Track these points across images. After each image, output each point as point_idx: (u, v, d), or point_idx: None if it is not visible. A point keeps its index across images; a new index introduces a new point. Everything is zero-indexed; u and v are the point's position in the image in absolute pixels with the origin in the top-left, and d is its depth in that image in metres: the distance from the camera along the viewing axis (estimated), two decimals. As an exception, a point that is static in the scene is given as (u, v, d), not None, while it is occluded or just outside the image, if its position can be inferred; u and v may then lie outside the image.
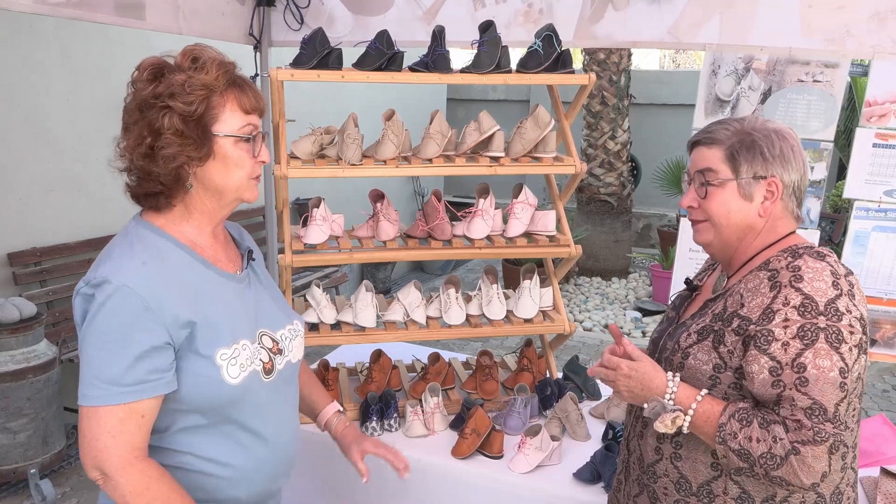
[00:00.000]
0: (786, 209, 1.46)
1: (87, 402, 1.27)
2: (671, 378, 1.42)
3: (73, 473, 3.63)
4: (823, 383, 1.27)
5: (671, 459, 1.48)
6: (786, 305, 1.32)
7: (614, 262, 7.49)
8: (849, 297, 1.33)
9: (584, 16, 2.68)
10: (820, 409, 1.27)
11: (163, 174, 1.33)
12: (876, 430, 2.34)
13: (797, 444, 1.27)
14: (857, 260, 2.59)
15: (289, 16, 3.06)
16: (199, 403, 1.36)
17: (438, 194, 2.56)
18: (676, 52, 14.13)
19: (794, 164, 1.43)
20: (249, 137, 1.38)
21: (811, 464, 1.26)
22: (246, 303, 1.46)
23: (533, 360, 2.65)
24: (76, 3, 2.22)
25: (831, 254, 1.41)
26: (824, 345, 1.29)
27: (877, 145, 2.50)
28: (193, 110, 1.31)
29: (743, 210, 1.43)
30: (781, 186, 1.42)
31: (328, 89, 5.82)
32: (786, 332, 1.31)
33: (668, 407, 1.39)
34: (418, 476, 2.21)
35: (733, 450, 1.33)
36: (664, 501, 1.49)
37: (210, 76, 1.33)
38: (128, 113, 1.35)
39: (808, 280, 1.33)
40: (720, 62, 2.67)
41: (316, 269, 5.68)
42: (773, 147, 1.41)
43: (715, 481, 1.42)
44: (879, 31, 2.37)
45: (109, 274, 1.28)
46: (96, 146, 4.14)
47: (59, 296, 3.94)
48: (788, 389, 1.29)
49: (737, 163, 1.42)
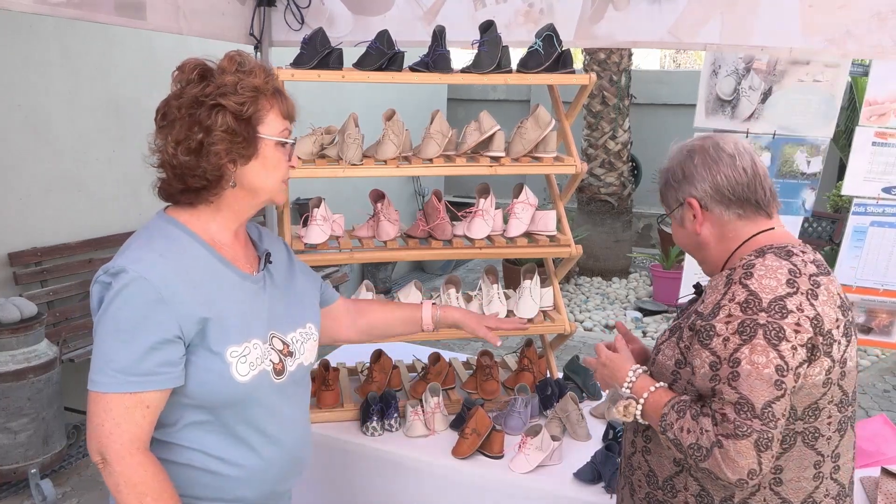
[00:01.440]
0: (723, 215, 1.46)
1: (95, 387, 1.30)
2: (634, 369, 1.50)
3: (73, 473, 3.63)
4: (755, 379, 1.27)
5: (643, 453, 1.53)
6: (731, 301, 1.34)
7: (615, 262, 7.49)
8: (806, 296, 1.31)
9: (585, 16, 2.68)
10: (747, 405, 1.27)
11: (209, 170, 1.37)
12: (876, 430, 2.34)
13: (721, 437, 1.27)
14: (855, 253, 2.65)
15: (289, 16, 3.05)
16: (207, 399, 1.37)
17: (439, 194, 2.56)
18: (677, 52, 14.13)
19: (698, 174, 1.46)
20: (288, 142, 1.45)
21: (734, 458, 1.26)
22: (260, 304, 1.48)
23: (533, 360, 2.65)
24: (76, 3, 2.22)
25: (805, 253, 1.40)
26: (762, 341, 1.28)
27: (876, 143, 2.52)
28: (245, 110, 1.36)
29: (684, 235, 1.54)
30: (697, 201, 1.46)
31: (328, 89, 5.81)
32: (727, 327, 1.32)
33: (623, 394, 1.49)
34: (418, 476, 2.21)
35: (670, 439, 1.36)
36: (639, 493, 1.54)
37: (259, 80, 1.39)
38: (171, 110, 1.38)
39: (758, 277, 1.34)
40: (721, 62, 2.67)
41: (316, 269, 5.67)
42: (676, 172, 1.50)
43: (677, 476, 1.45)
44: (880, 31, 2.37)
45: (127, 264, 1.31)
46: (96, 146, 4.14)
47: (59, 296, 3.93)
48: (721, 383, 1.31)
49: (665, 199, 1.55)
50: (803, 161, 2.71)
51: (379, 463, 2.27)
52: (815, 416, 1.36)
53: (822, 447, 1.37)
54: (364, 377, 2.59)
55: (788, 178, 2.75)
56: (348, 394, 2.53)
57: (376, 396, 2.37)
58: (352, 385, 2.62)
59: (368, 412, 2.31)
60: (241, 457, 1.43)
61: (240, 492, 1.45)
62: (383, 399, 2.37)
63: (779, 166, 2.73)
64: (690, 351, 1.39)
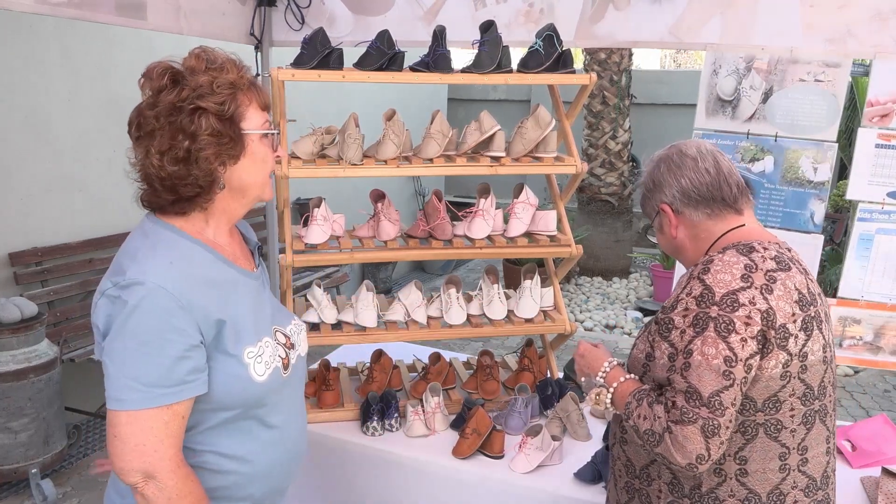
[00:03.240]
0: (693, 216, 1.53)
1: (125, 405, 1.25)
2: (609, 361, 1.58)
3: (73, 473, 3.63)
4: (704, 369, 1.33)
5: (620, 443, 1.58)
6: (688, 295, 1.40)
7: (615, 262, 7.49)
8: (760, 290, 1.36)
9: (585, 15, 2.68)
10: (696, 393, 1.33)
11: (201, 177, 1.33)
12: (877, 430, 2.34)
13: (671, 423, 1.34)
14: (862, 264, 2.55)
15: (290, 16, 3.06)
16: (228, 402, 1.36)
17: (439, 194, 2.56)
18: (677, 51, 14.12)
19: (665, 181, 1.54)
20: (271, 133, 1.42)
21: (682, 443, 1.32)
22: (262, 300, 1.48)
23: (534, 360, 2.64)
24: (77, 3, 2.22)
25: (768, 250, 1.44)
26: (712, 333, 1.34)
27: (879, 146, 2.49)
28: (226, 109, 1.33)
29: (664, 241, 1.61)
30: (668, 207, 1.54)
31: (329, 89, 5.81)
32: (684, 320, 1.38)
33: (596, 383, 1.58)
34: (419, 476, 2.21)
35: (630, 426, 1.43)
36: (619, 482, 1.60)
37: (233, 75, 1.35)
38: (147, 120, 1.32)
39: (714, 272, 1.39)
40: (721, 62, 2.66)
41: (317, 269, 5.67)
42: (648, 183, 1.59)
43: (652, 465, 1.50)
44: (881, 31, 2.37)
45: (139, 276, 1.26)
46: (96, 146, 4.15)
47: (60, 295, 3.93)
48: (674, 373, 1.37)
49: (646, 210, 1.63)
50: (809, 167, 2.58)
51: (379, 463, 2.26)
52: (775, 408, 1.40)
53: (786, 439, 1.41)
54: (364, 377, 2.59)
55: (794, 186, 2.60)
56: (349, 394, 2.53)
57: (377, 396, 2.37)
58: (352, 385, 2.62)
59: (369, 412, 2.31)
60: (251, 453, 1.43)
61: (249, 489, 1.45)
62: (384, 399, 2.37)
63: (783, 172, 2.62)
64: (653, 343, 1.45)
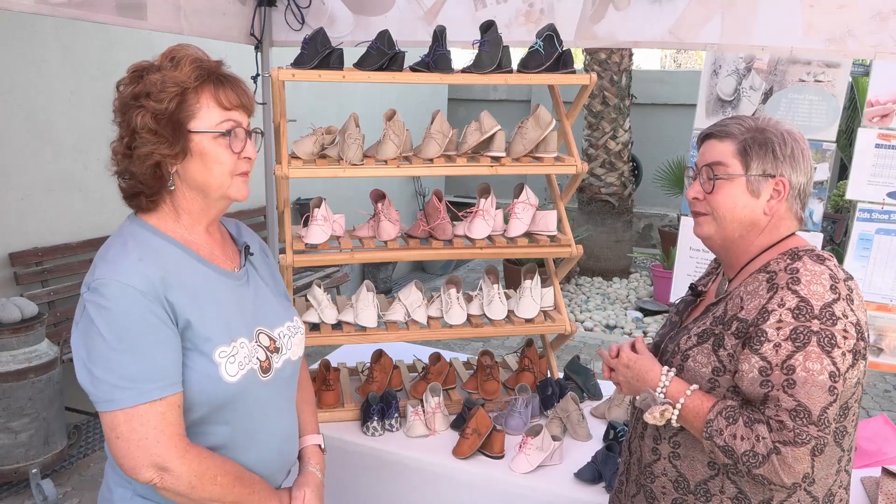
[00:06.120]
0: (790, 210, 1.46)
1: (118, 405, 1.25)
2: (665, 372, 1.46)
3: (74, 473, 3.63)
4: (811, 386, 1.28)
5: (669, 459, 1.49)
6: (781, 307, 1.33)
7: (615, 262, 7.49)
8: (847, 301, 1.32)
9: (586, 16, 2.68)
10: (805, 412, 1.28)
11: (139, 173, 1.35)
12: (877, 430, 2.34)
13: (779, 444, 1.28)
14: (861, 264, 2.55)
15: (290, 16, 3.05)
16: (199, 400, 1.35)
17: (439, 194, 2.56)
18: (677, 52, 14.12)
19: (802, 167, 1.44)
20: (227, 133, 1.37)
21: (791, 464, 1.27)
22: (244, 300, 1.45)
23: (534, 360, 2.64)
24: (77, 3, 2.22)
25: (831, 257, 1.41)
26: (816, 348, 1.29)
27: (879, 146, 2.49)
28: (164, 108, 1.32)
29: (749, 206, 1.44)
30: (788, 186, 1.43)
31: (329, 89, 5.82)
32: (778, 333, 1.31)
33: (657, 399, 1.43)
34: (419, 476, 2.21)
35: (718, 446, 1.35)
36: (662, 500, 1.50)
37: (183, 73, 1.33)
38: (114, 115, 1.38)
39: (806, 283, 1.33)
40: (721, 62, 2.66)
41: (317, 269, 5.68)
42: (784, 147, 1.42)
43: (712, 480, 1.43)
44: (881, 31, 2.36)
45: (108, 275, 1.28)
46: (97, 146, 4.15)
47: (60, 296, 3.94)
48: (776, 390, 1.30)
49: (748, 158, 1.42)
50: None
51: (379, 463, 2.26)
52: (845, 415, 1.38)
53: (845, 443, 1.40)
54: (364, 377, 2.59)
55: None
56: (349, 394, 2.53)
57: (377, 396, 2.37)
58: (352, 385, 2.62)
59: (369, 412, 2.31)
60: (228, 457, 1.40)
61: None
62: (384, 399, 2.37)
63: None
64: (735, 357, 1.38)
